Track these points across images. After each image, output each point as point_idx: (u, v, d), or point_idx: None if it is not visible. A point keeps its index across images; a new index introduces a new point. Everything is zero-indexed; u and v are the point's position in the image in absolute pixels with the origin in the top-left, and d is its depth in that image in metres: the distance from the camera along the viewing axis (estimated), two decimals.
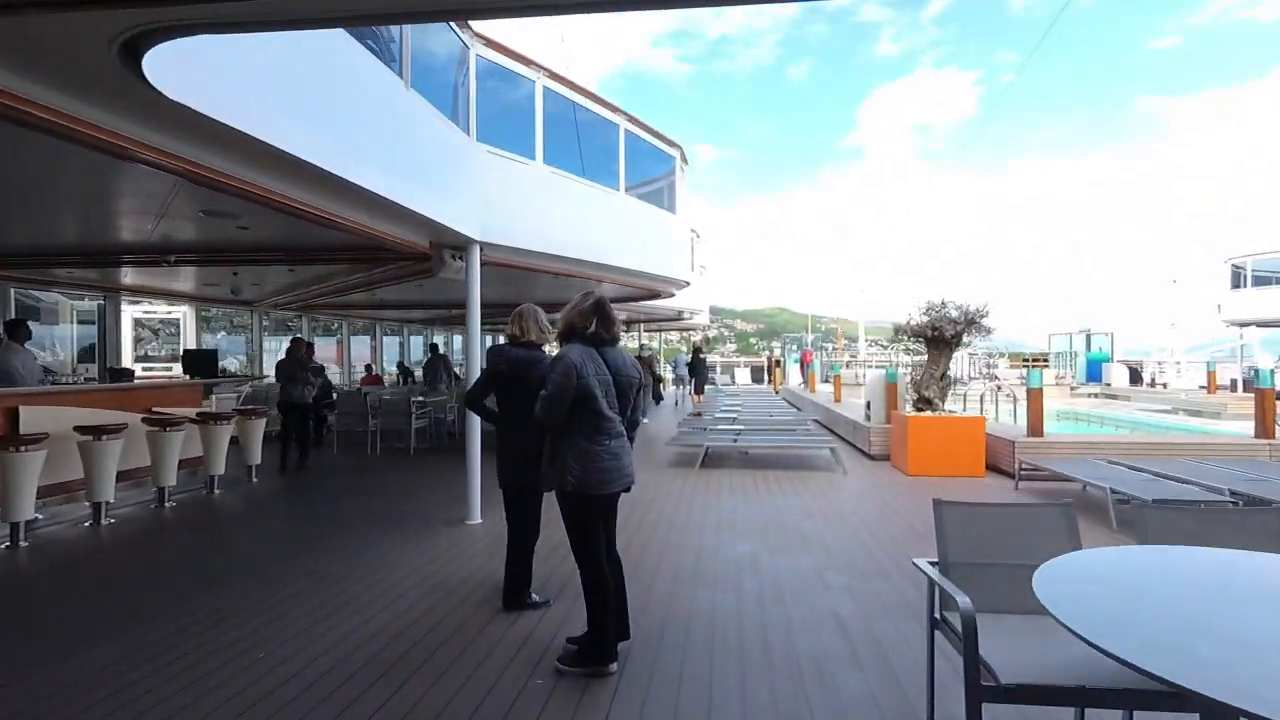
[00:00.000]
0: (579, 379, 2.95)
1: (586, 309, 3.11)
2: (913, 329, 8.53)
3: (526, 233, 6.77)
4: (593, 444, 3.01)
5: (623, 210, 8.37)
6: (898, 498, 7.09)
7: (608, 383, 3.08)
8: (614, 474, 3.05)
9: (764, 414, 13.34)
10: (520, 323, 3.76)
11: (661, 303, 13.98)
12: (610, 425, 3.06)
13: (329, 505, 7.02)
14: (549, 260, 7.25)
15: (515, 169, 6.67)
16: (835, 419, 12.35)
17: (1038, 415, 8.05)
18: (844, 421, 11.47)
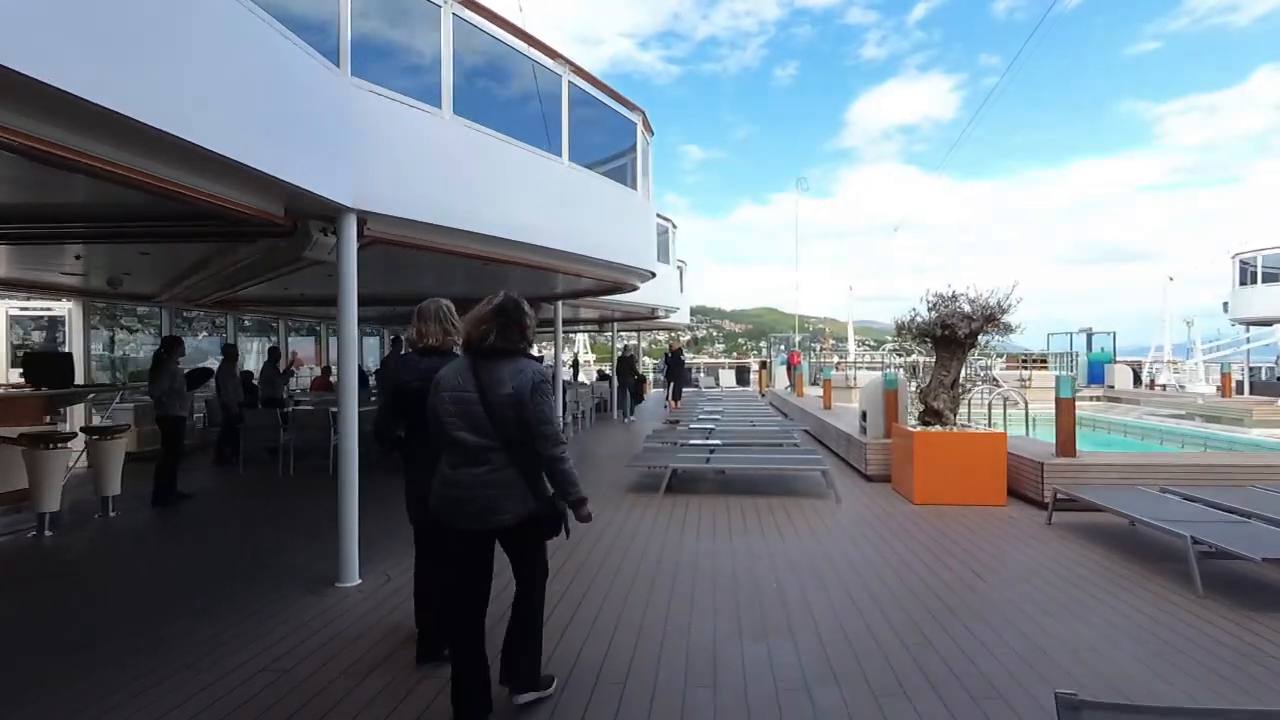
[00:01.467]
0: (434, 393, 2.67)
1: (484, 313, 2.66)
2: (918, 327, 7.10)
3: (432, 204, 5.26)
4: (443, 469, 2.68)
5: (568, 183, 6.87)
6: (906, 538, 5.63)
7: (467, 400, 2.58)
8: (458, 506, 2.61)
9: (745, 423, 11.89)
10: (420, 323, 3.18)
11: (631, 298, 12.49)
12: (464, 451, 2.59)
13: (176, 556, 5.47)
14: (466, 240, 5.74)
15: (413, 120, 5.15)
16: (826, 430, 10.91)
17: (1069, 431, 6.64)
18: (836, 434, 10.02)
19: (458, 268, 7.29)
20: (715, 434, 10.08)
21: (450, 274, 7.99)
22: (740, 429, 11.11)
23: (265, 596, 4.39)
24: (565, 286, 9.56)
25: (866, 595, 4.33)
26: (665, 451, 8.59)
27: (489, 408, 2.55)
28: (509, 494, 2.58)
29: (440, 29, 5.31)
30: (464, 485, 2.58)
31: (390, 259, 6.92)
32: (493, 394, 2.56)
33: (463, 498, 2.59)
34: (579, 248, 6.90)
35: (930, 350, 7.51)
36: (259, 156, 3.74)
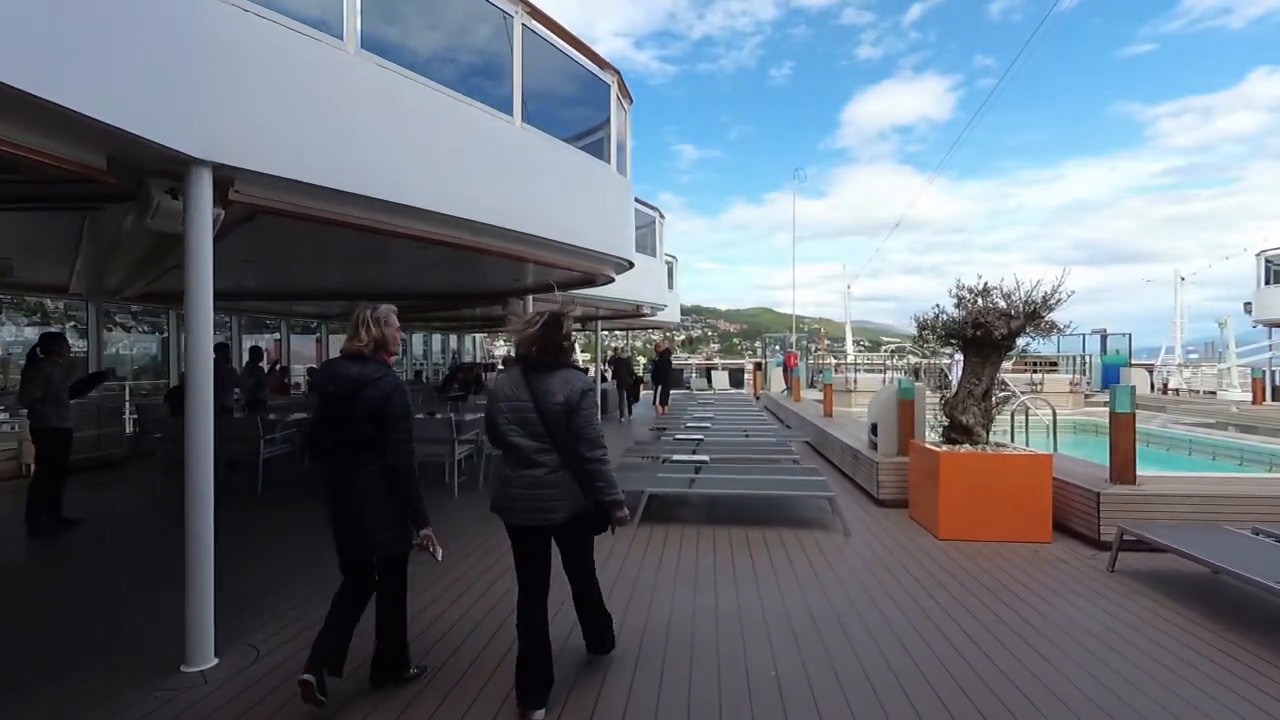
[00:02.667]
0: (491, 403, 2.95)
1: (533, 331, 2.89)
2: (945, 327, 5.93)
3: (332, 163, 4.06)
4: (504, 469, 2.94)
5: (523, 150, 5.67)
6: (934, 589, 4.47)
7: (523, 409, 2.85)
8: (518, 504, 2.86)
9: (738, 433, 10.71)
10: (354, 329, 3.00)
11: (612, 293, 11.30)
12: (521, 454, 2.85)
13: (11, 608, 4.25)
14: (385, 214, 4.54)
15: (303, 52, 3.95)
16: (828, 441, 9.74)
17: (1128, 453, 5.47)
18: (840, 447, 8.84)
19: (388, 251, 6.09)
20: (703, 447, 8.90)
21: (380, 259, 6.79)
22: (732, 440, 9.92)
23: (80, 688, 3.20)
24: (537, 279, 8.39)
25: (891, 683, 3.16)
26: (643, 470, 7.40)
27: (542, 415, 2.82)
28: (562, 493, 2.85)
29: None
30: (522, 485, 2.84)
31: (305, 239, 5.72)
32: (545, 402, 2.81)
33: (521, 497, 2.84)
34: (537, 229, 5.70)
35: (935, 352, 6.36)
36: (56, 82, 2.56)
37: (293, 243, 6.00)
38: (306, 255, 6.78)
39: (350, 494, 2.88)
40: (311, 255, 6.75)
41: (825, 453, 9.75)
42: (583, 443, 2.83)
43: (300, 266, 7.77)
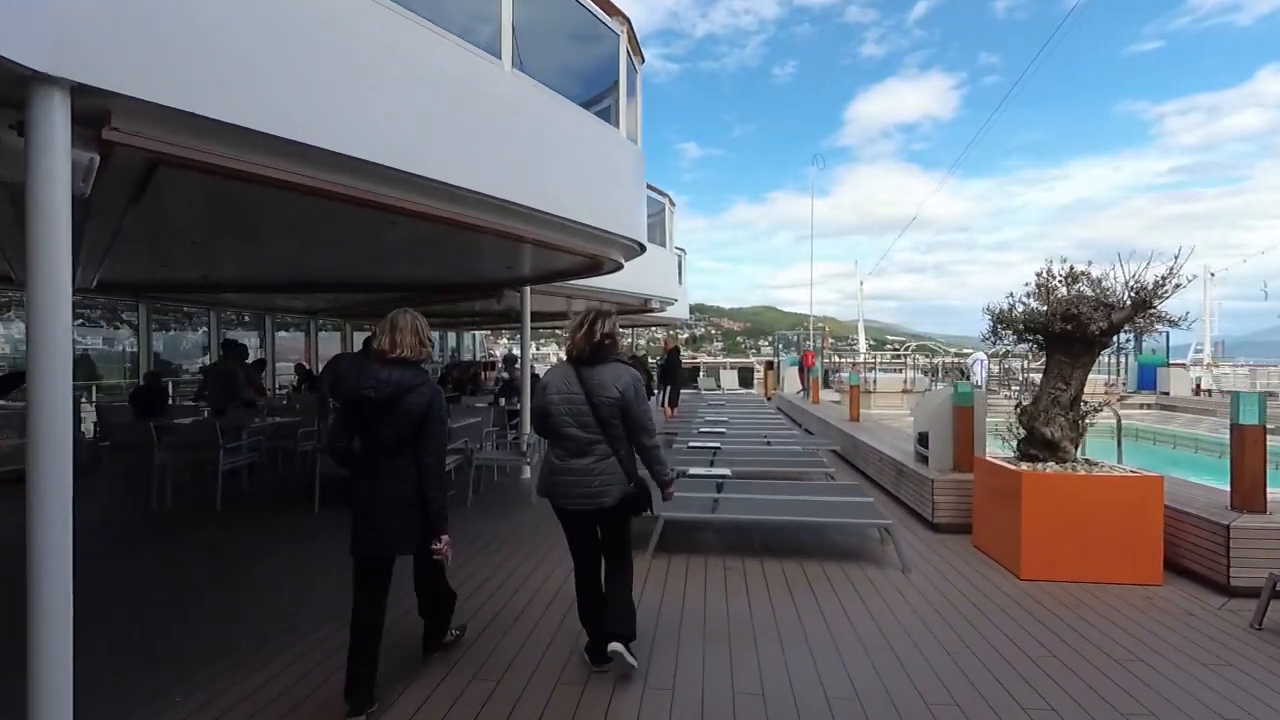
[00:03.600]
0: (543, 395, 3.16)
1: (585, 329, 3.11)
2: (1026, 320, 4.90)
3: (256, 94, 3.06)
4: (553, 458, 3.16)
5: (514, 103, 4.65)
6: (1042, 658, 3.45)
7: (575, 401, 3.08)
8: (570, 490, 3.09)
9: (757, 440, 9.69)
10: (394, 333, 2.91)
11: (618, 284, 10.28)
12: (573, 444, 3.09)
13: None
14: (334, 171, 3.53)
15: None
16: (859, 450, 8.72)
17: (1257, 476, 4.44)
18: (878, 460, 7.82)
19: (356, 229, 5.09)
20: (722, 457, 7.89)
21: (350, 238, 5.78)
22: (751, 448, 8.91)
23: None
24: (535, 267, 7.39)
25: None
26: (654, 487, 6.39)
27: (594, 407, 3.06)
28: (611, 479, 3.10)
29: None
30: (574, 473, 3.10)
31: (247, 211, 4.72)
32: (597, 395, 3.06)
33: (573, 483, 3.09)
34: (532, 199, 4.69)
35: (1008, 353, 5.36)
36: None
37: (234, 216, 5.00)
38: (261, 234, 5.78)
39: (384, 495, 2.89)
40: (267, 233, 5.75)
41: (857, 463, 8.72)
42: (643, 433, 3.14)
43: (260, 251, 6.78)
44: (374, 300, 12.34)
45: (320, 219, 4.75)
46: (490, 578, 4.73)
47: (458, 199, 4.25)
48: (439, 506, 2.92)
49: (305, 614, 4.01)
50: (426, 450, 2.91)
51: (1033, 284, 5.04)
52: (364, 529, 2.91)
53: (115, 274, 8.84)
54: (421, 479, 2.90)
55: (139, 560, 5.22)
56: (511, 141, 4.60)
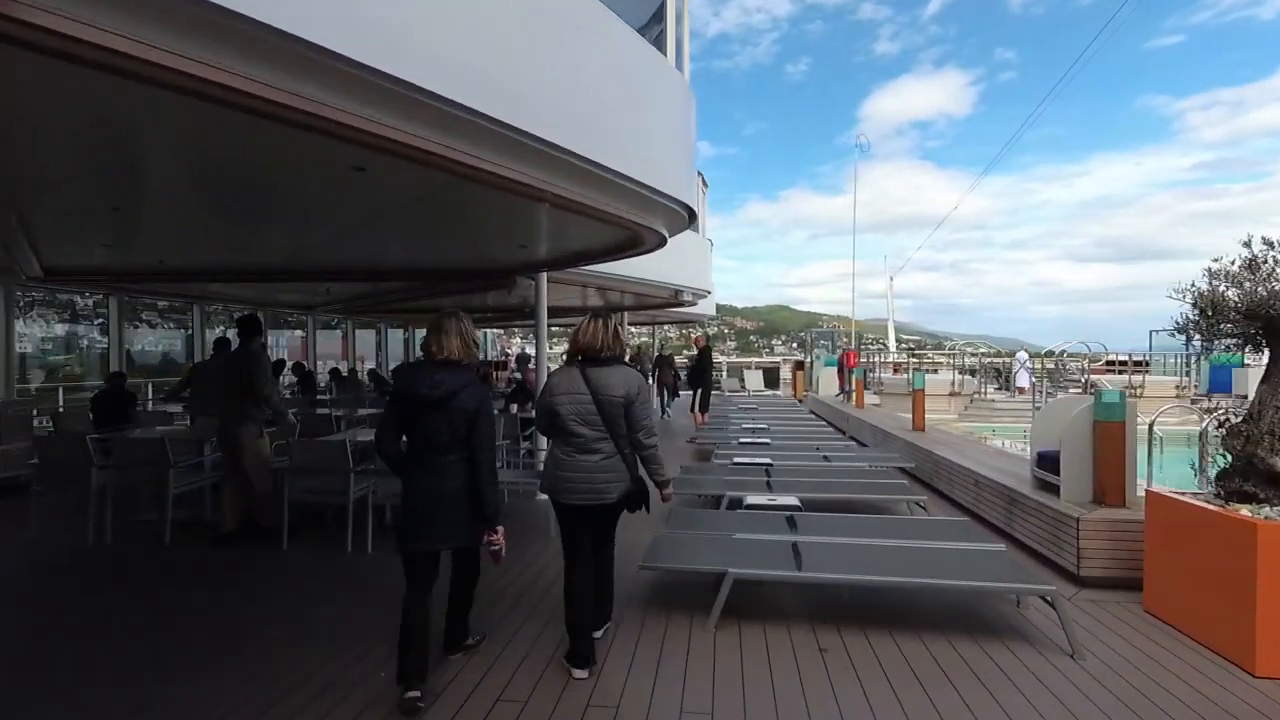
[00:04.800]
0: (549, 396, 3.25)
1: (591, 331, 3.25)
2: (1250, 305, 3.50)
3: None
4: (559, 455, 3.25)
5: (549, 4, 3.31)
6: None
7: (582, 401, 3.18)
8: (576, 485, 3.19)
9: (809, 453, 8.33)
10: (443, 336, 3.01)
11: (649, 271, 8.94)
12: (580, 441, 3.19)
13: None
14: (258, 63, 2.21)
15: None
16: (938, 469, 7.31)
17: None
18: (970, 481, 6.41)
19: (320, 182, 3.78)
20: (777, 478, 6.53)
21: (318, 202, 4.45)
22: (807, 465, 7.55)
23: None
24: (556, 245, 6.07)
25: None
26: (708, 523, 5.01)
27: (600, 407, 3.17)
28: (617, 476, 3.22)
29: None
30: (580, 470, 3.19)
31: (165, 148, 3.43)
32: (603, 395, 3.16)
33: (579, 479, 3.19)
34: (552, 131, 3.34)
35: (1211, 347, 3.99)
36: None
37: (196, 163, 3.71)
38: (232, 198, 4.51)
39: (439, 493, 2.96)
40: (237, 196, 4.48)
41: (939, 485, 7.31)
42: (642, 431, 3.25)
43: (236, 225, 5.55)
44: (375, 292, 11.08)
45: (279, 151, 3.42)
46: (502, 659, 3.39)
47: (447, 126, 2.92)
48: (493, 502, 3.00)
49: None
50: (480, 447, 2.97)
51: (1234, 261, 3.65)
52: (412, 525, 2.99)
53: (68, 258, 7.62)
54: (475, 475, 2.97)
55: (41, 620, 3.95)
56: (524, 40, 3.25)
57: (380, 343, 19.86)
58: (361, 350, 19.26)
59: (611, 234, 5.09)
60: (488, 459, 2.99)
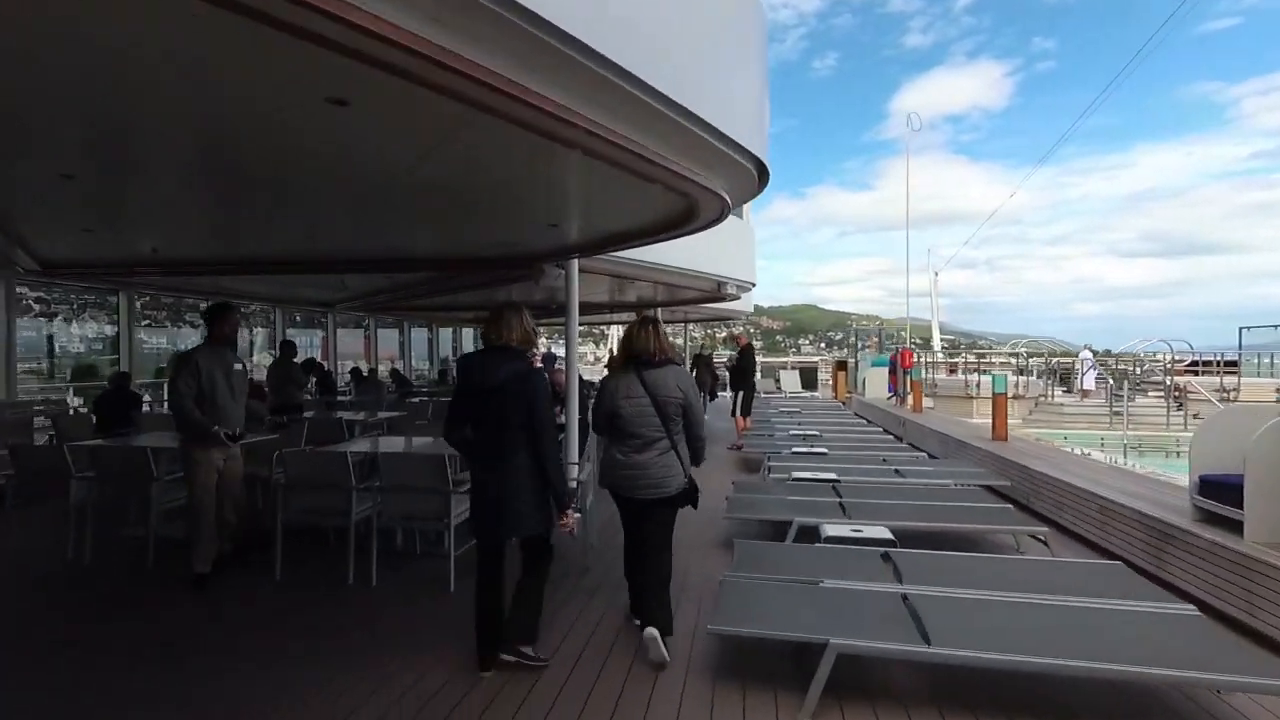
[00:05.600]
0: (611, 400, 3.40)
1: (643, 333, 3.41)
2: None
3: None
4: (617, 455, 3.40)
5: None
6: None
7: (640, 402, 3.33)
8: (635, 481, 3.35)
9: (876, 465, 7.29)
10: (501, 325, 3.07)
11: (691, 259, 7.98)
12: (638, 440, 3.35)
13: None
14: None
15: None
16: (1038, 488, 6.21)
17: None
18: (1094, 508, 5.32)
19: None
20: (849, 498, 5.52)
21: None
22: (880, 483, 6.50)
23: None
24: (587, 227, 5.15)
25: None
26: (782, 561, 4.02)
27: (658, 407, 3.33)
28: (671, 472, 3.35)
29: None
30: (638, 467, 3.34)
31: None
32: (660, 394, 3.33)
33: (638, 475, 3.34)
34: (593, 36, 2.39)
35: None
36: None
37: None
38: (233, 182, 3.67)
39: (504, 481, 2.98)
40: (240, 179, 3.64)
41: (1039, 507, 6.21)
42: (698, 426, 3.46)
43: (242, 213, 4.74)
44: (393, 286, 10.29)
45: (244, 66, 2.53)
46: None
47: (453, 24, 1.99)
48: (561, 485, 3.03)
49: None
50: (541, 431, 2.97)
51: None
52: (482, 514, 3.06)
53: (55, 249, 6.92)
54: (541, 461, 2.98)
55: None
56: None
57: (404, 342, 19.22)
58: (388, 350, 18.63)
59: (661, 203, 4.12)
60: (550, 442, 2.98)
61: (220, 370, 4.45)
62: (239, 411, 4.63)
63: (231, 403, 4.52)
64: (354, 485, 4.31)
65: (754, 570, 3.79)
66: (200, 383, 4.34)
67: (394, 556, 4.78)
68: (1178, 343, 18.93)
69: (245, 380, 4.79)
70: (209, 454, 4.44)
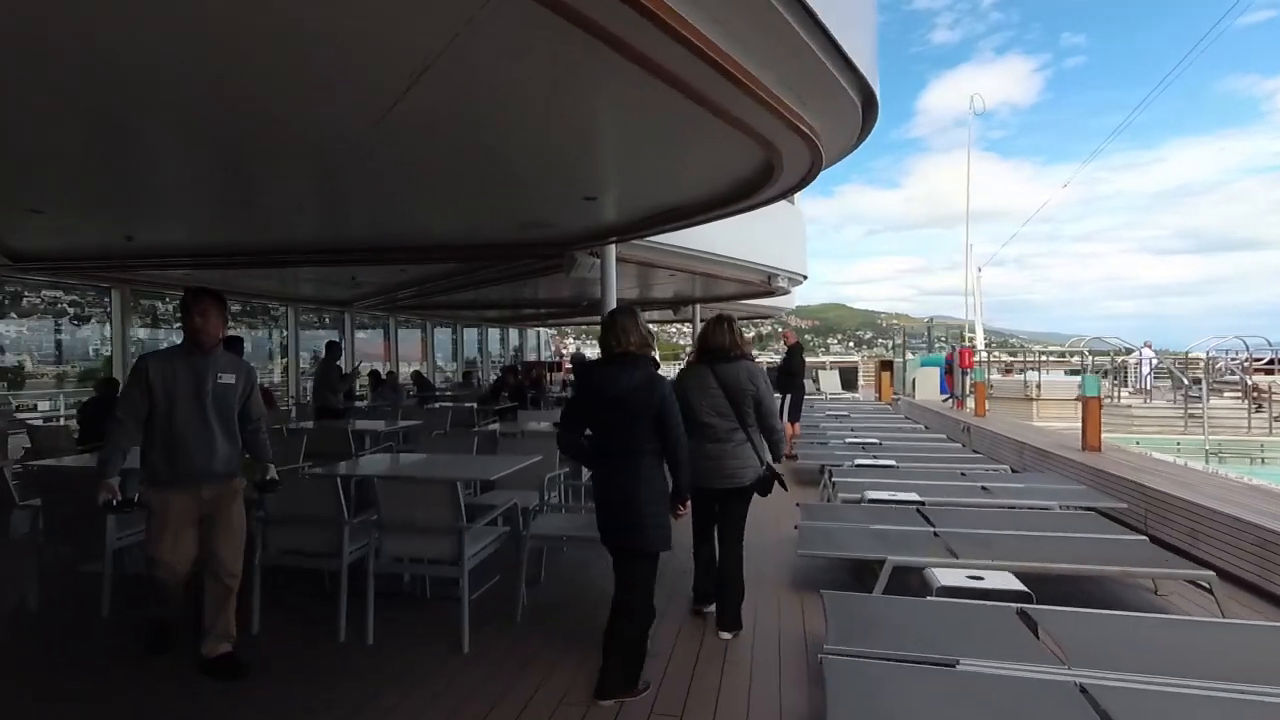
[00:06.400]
0: (685, 396, 3.52)
1: (718, 331, 3.61)
2: None
3: None
4: (691, 446, 3.15)
5: None
6: None
7: (714, 395, 3.52)
8: (711, 472, 3.50)
9: (953, 480, 6.31)
10: (617, 333, 2.98)
11: (729, 248, 7.09)
12: (712, 431, 3.52)
13: None
14: None
15: None
16: (1167, 516, 5.19)
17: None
18: (1240, 532, 4.30)
19: None
20: (944, 527, 4.59)
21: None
22: (969, 503, 5.56)
23: None
24: (630, 196, 4.31)
25: None
26: (896, 628, 3.12)
27: (731, 399, 3.51)
28: (746, 463, 3.54)
29: None
30: (713, 457, 3.51)
31: None
32: (734, 388, 3.50)
33: (713, 467, 3.50)
34: None
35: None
36: None
37: None
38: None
39: (630, 493, 2.91)
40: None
41: (1161, 532, 5.19)
42: (772, 418, 3.59)
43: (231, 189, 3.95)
44: (410, 281, 9.56)
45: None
46: None
47: None
48: (684, 481, 2.97)
49: None
50: (674, 444, 2.92)
51: None
52: (607, 522, 2.99)
53: (72, 241, 6.25)
54: (668, 461, 2.95)
55: None
56: None
57: (427, 342, 18.62)
58: (410, 351, 18.05)
59: (730, 158, 3.24)
60: (677, 447, 2.92)
61: (188, 382, 3.07)
62: (221, 442, 3.15)
63: (205, 431, 3.09)
64: (346, 519, 3.50)
65: (858, 639, 2.89)
66: (154, 399, 3.02)
67: (398, 601, 3.98)
68: (1254, 339, 17.50)
69: (242, 395, 3.32)
70: (166, 502, 3.04)
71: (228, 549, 3.21)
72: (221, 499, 3.19)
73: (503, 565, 4.20)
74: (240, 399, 3.28)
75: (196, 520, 3.14)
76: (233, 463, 3.24)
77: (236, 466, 3.28)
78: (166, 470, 3.04)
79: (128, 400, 3.07)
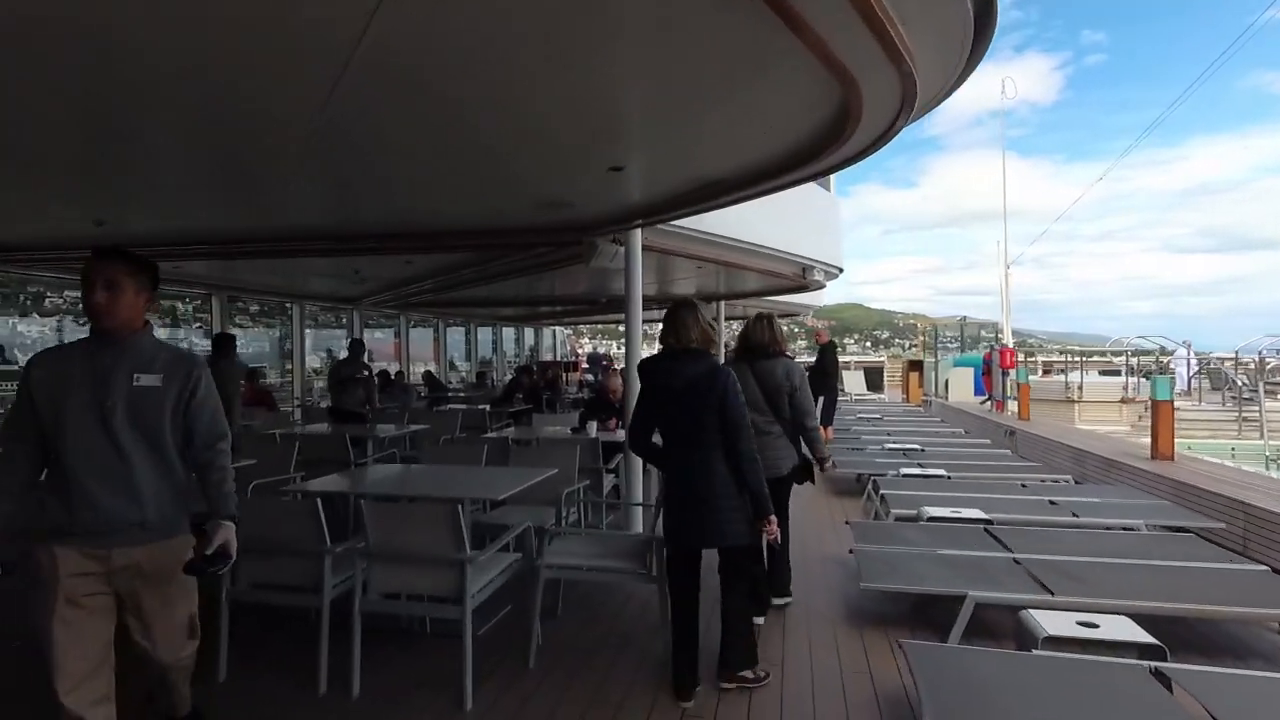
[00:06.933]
0: None
1: (758, 328, 3.70)
2: None
3: None
4: None
5: None
6: None
7: (751, 390, 3.51)
8: None
9: (1015, 493, 5.68)
10: (679, 328, 2.90)
11: (762, 237, 6.50)
12: (754, 426, 3.16)
13: None
14: None
15: None
16: (1262, 526, 4.51)
17: None
18: None
19: None
20: (1022, 553, 3.98)
21: None
22: (1043, 520, 4.91)
23: None
24: (660, 165, 3.73)
25: None
26: (1002, 706, 2.51)
27: (768, 394, 3.60)
28: (783, 455, 3.62)
29: None
30: (763, 450, 3.23)
31: None
32: (770, 383, 3.61)
33: (765, 460, 3.20)
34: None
35: None
36: None
37: None
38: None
39: (703, 488, 2.81)
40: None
41: (1260, 555, 4.51)
42: (806, 415, 3.70)
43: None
44: (416, 275, 9.04)
45: None
46: None
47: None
48: (759, 488, 2.82)
49: None
50: (737, 437, 2.81)
51: None
52: (674, 522, 2.91)
53: (58, 229, 5.79)
54: (737, 465, 2.81)
55: None
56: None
57: (440, 342, 18.17)
58: (422, 350, 17.61)
59: (799, 98, 2.60)
60: (746, 442, 2.80)
61: (84, 387, 2.00)
62: (144, 476, 2.04)
63: (112, 459, 1.99)
64: (328, 548, 2.95)
65: (957, 707, 2.29)
66: (37, 410, 2.01)
67: (391, 639, 3.43)
68: (1069, 337, 16.60)
69: (178, 403, 2.12)
70: (56, 563, 1.95)
71: (164, 644, 2.14)
72: (143, 574, 2.03)
73: (514, 593, 3.63)
74: (175, 411, 2.10)
75: (111, 605, 2.04)
76: (168, 510, 2.10)
77: (176, 517, 2.14)
78: (66, 519, 1.97)
79: (10, 421, 2.07)
